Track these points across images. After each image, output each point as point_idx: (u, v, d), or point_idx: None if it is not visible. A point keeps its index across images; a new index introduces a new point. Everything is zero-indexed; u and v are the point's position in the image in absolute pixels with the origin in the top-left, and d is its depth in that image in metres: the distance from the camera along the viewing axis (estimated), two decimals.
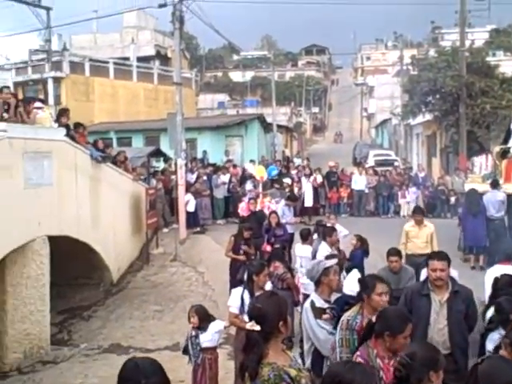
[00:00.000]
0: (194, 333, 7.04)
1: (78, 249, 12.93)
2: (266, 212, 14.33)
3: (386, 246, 9.34)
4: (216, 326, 7.12)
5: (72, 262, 13.20)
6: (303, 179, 21.19)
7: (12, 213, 9.95)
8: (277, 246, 11.57)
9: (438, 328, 5.65)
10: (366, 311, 4.94)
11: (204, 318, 7.11)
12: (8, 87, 12.82)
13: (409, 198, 21.42)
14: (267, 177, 21.37)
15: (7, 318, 10.28)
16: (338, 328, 5.02)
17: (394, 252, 8.39)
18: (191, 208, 17.66)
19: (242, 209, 16.54)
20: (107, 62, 37.22)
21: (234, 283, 11.21)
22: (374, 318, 4.45)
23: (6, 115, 10.91)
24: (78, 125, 13.95)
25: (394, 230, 12.99)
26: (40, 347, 10.79)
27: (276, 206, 14.92)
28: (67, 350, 11.08)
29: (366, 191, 22.13)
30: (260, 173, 20.71)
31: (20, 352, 10.43)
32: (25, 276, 10.54)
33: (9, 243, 9.95)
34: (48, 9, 29.93)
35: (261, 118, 32.21)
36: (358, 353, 4.28)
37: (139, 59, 41.76)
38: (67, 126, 13.20)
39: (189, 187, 17.95)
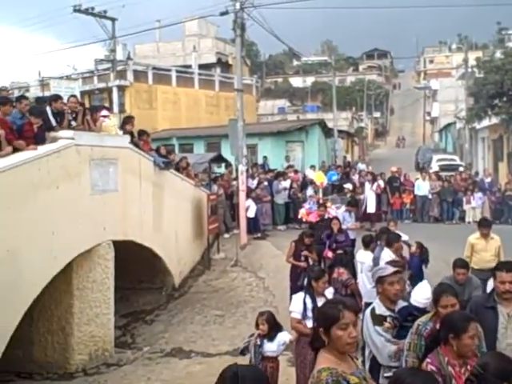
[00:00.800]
0: (258, 341, 6.83)
1: (142, 253, 13.18)
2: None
3: (450, 252, 9.13)
4: (283, 338, 6.91)
5: (135, 266, 13.47)
6: (366, 185, 20.93)
7: (79, 218, 10.22)
8: (339, 251, 11.45)
9: (507, 343, 5.34)
10: (437, 319, 4.84)
11: (273, 327, 6.90)
12: (75, 96, 13.19)
13: (474, 204, 20.83)
14: (327, 182, 21.22)
15: (74, 321, 10.53)
16: (410, 332, 4.97)
17: (461, 264, 8.01)
18: (252, 214, 17.73)
19: (303, 215, 16.49)
20: (170, 70, 37.92)
21: (295, 289, 11.15)
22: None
23: (73, 123, 11.22)
24: (142, 132, 14.22)
25: (459, 237, 12.63)
26: (104, 349, 11.02)
27: (337, 212, 14.77)
28: (131, 352, 11.29)
29: (430, 197, 21.65)
30: (319, 178, 20.58)
31: (85, 354, 10.67)
32: (91, 280, 10.80)
33: (76, 247, 10.22)
34: (113, 20, 30.70)
35: (321, 124, 32.03)
36: (428, 360, 4.21)
37: (201, 66, 42.37)
38: (131, 134, 13.47)
39: (250, 193, 18.02)
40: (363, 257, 10.49)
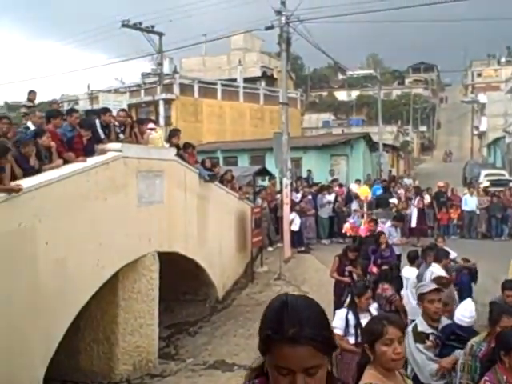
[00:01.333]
0: None
1: (186, 265, 13.26)
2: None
3: (499, 270, 8.88)
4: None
5: (179, 277, 13.56)
6: (412, 200, 20.62)
7: (126, 229, 10.37)
8: (384, 267, 11.28)
9: None
10: (492, 339, 4.71)
11: None
12: (124, 110, 13.45)
13: None
14: (372, 196, 20.99)
15: (119, 331, 10.66)
16: (462, 352, 4.87)
17: (510, 286, 7.77)
18: (296, 227, 17.67)
19: (347, 229, 16.36)
20: (215, 84, 38.27)
21: (339, 304, 11.01)
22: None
23: (121, 136, 11.43)
24: (187, 145, 14.35)
25: (508, 254, 12.31)
26: (148, 360, 11.11)
27: (382, 227, 14.59)
28: (174, 364, 11.34)
29: (478, 212, 21.16)
30: (364, 192, 20.38)
31: (130, 364, 10.77)
32: (135, 290, 10.92)
33: (122, 258, 10.37)
34: (160, 34, 31.24)
35: (366, 137, 31.78)
36: (485, 377, 4.13)
37: (246, 80, 42.63)
38: (177, 146, 13.63)
39: (294, 206, 17.97)
40: (408, 273, 10.32)
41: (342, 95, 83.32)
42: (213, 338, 12.58)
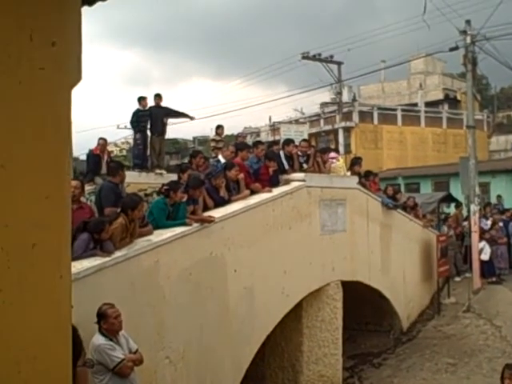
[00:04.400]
0: None
1: (369, 294, 13.07)
2: None
3: None
4: None
5: (362, 307, 13.40)
6: None
7: (310, 258, 10.51)
8: None
9: None
10: None
11: None
12: (307, 140, 13.73)
13: None
14: None
15: (303, 359, 10.75)
16: None
17: None
18: (486, 256, 16.67)
19: None
20: (395, 110, 37.73)
21: None
22: None
23: (304, 166, 11.66)
24: (369, 173, 14.25)
25: None
26: None
27: None
28: None
29: None
30: None
31: None
32: (319, 319, 10.97)
33: (306, 286, 10.49)
34: (339, 63, 31.66)
35: None
36: None
37: (427, 104, 41.49)
38: (359, 174, 13.59)
39: (483, 234, 17.00)
40: None
41: None
42: (398, 371, 12.19)
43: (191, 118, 15.51)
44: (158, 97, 14.10)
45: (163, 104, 14.19)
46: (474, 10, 32.47)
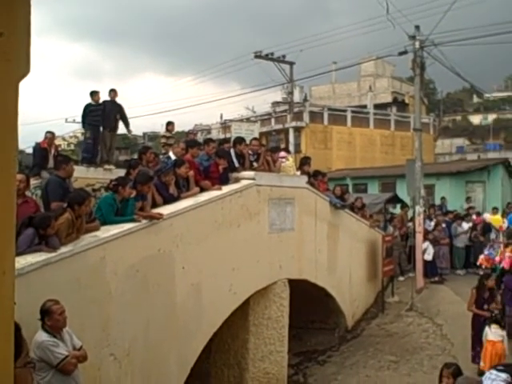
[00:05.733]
0: None
1: (315, 293, 13.23)
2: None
3: None
4: None
5: (308, 305, 13.54)
6: None
7: (258, 256, 10.57)
8: None
9: None
10: None
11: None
12: (257, 139, 13.79)
13: None
14: (507, 225, 19.77)
15: (249, 356, 10.81)
16: None
17: None
18: (429, 256, 17.09)
19: (482, 261, 15.64)
20: (345, 111, 38.23)
21: (476, 339, 10.52)
22: None
23: (255, 164, 11.71)
24: (318, 173, 14.42)
25: None
26: None
27: None
28: None
29: None
30: (496, 222, 19.29)
31: None
32: (266, 317, 11.05)
33: (254, 284, 10.55)
34: (291, 63, 31.87)
35: (505, 163, 30.16)
36: None
37: (376, 106, 42.19)
38: (308, 174, 13.72)
39: (427, 235, 17.42)
40: None
41: (476, 119, 79.86)
42: (342, 368, 12.40)
43: (129, 132, 15.74)
44: (112, 92, 13.91)
45: (118, 100, 14.03)
46: (424, 15, 33.27)
